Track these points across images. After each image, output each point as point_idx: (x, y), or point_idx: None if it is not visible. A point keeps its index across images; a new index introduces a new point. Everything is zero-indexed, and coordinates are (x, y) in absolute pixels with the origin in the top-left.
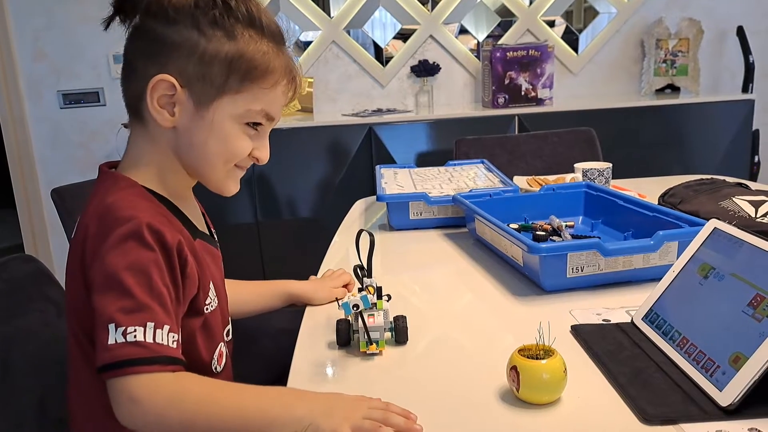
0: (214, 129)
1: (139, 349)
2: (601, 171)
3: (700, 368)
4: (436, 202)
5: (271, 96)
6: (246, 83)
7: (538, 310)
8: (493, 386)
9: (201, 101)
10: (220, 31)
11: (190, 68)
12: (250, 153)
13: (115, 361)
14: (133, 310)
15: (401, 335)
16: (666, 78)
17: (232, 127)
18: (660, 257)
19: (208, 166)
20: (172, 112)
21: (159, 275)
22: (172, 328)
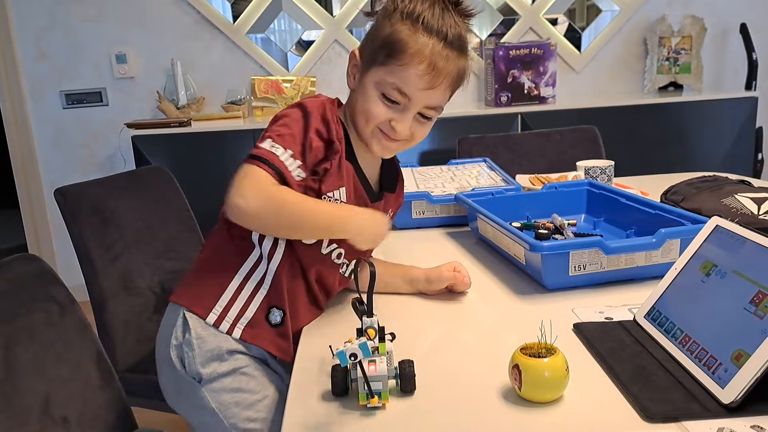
0: (363, 91)
1: (275, 158)
2: (604, 169)
3: (703, 366)
4: (439, 201)
5: (403, 74)
6: (388, 59)
7: (541, 308)
8: (495, 385)
9: (364, 69)
10: (386, 18)
11: (367, 45)
12: (390, 122)
13: (256, 154)
14: (285, 139)
15: (408, 383)
16: (669, 76)
17: (373, 92)
18: (662, 255)
19: (359, 121)
20: (354, 77)
21: (308, 127)
22: (302, 166)
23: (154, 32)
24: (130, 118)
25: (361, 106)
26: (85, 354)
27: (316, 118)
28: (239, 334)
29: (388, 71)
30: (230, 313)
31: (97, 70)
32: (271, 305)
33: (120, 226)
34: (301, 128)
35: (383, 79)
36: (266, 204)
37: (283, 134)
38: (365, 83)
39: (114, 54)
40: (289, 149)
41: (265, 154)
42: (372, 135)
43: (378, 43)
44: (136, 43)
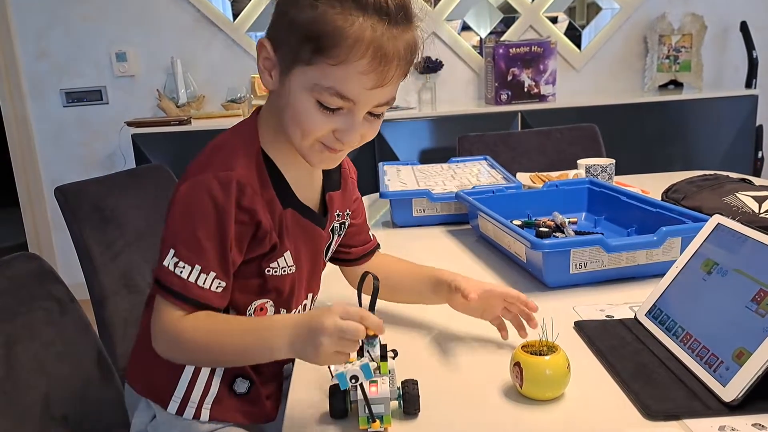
0: (290, 99)
1: (179, 283)
2: (604, 167)
3: (704, 364)
4: (439, 199)
5: (342, 75)
6: (316, 57)
7: (542, 306)
8: (496, 382)
9: (284, 68)
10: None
11: (281, 34)
12: (334, 133)
13: (160, 279)
14: (192, 248)
15: (411, 405)
16: (669, 74)
17: (304, 98)
18: (663, 253)
19: (290, 133)
20: (270, 74)
21: (224, 224)
22: (219, 275)
23: (154, 30)
24: (130, 117)
25: (291, 119)
26: (85, 352)
27: (231, 209)
28: (207, 416)
29: (319, 73)
30: (192, 397)
31: (98, 69)
32: (235, 375)
33: (120, 224)
34: (213, 229)
35: (316, 84)
36: (175, 349)
37: (188, 242)
38: (291, 88)
39: (114, 52)
40: (199, 263)
41: (170, 282)
42: (311, 149)
43: (298, 34)
44: (136, 42)
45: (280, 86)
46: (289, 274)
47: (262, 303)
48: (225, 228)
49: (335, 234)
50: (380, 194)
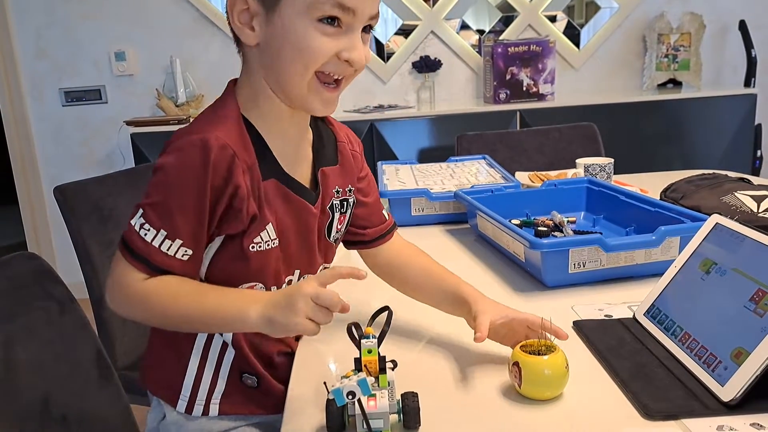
0: (285, 32)
1: (143, 245)
2: (603, 166)
3: (702, 363)
4: (438, 198)
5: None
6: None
7: (540, 305)
8: (495, 383)
9: (268, 6)
10: None
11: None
12: (339, 56)
13: (125, 239)
14: (160, 212)
15: (412, 419)
16: (668, 73)
17: (303, 25)
18: (662, 252)
19: (287, 78)
20: (251, 27)
21: (200, 189)
22: (186, 242)
23: (154, 30)
24: (129, 116)
25: (291, 54)
26: (84, 352)
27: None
28: (216, 411)
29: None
30: (200, 394)
31: (97, 68)
32: (242, 372)
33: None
34: (186, 194)
35: (313, 1)
36: (134, 307)
37: (157, 206)
38: (285, 20)
39: (113, 52)
40: (164, 228)
41: (133, 243)
42: (309, 90)
43: None
44: (136, 41)
45: (268, 31)
46: (273, 248)
47: (251, 285)
48: (200, 193)
49: (336, 212)
50: (379, 194)
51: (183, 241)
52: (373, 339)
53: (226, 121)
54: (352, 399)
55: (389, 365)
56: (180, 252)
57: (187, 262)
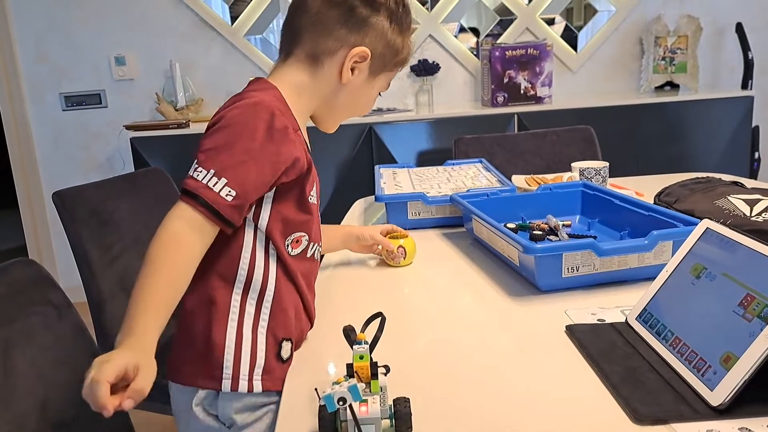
0: (370, 92)
1: (194, 183)
2: (598, 170)
3: (692, 368)
4: (434, 202)
5: (396, 74)
6: (396, 67)
7: (534, 309)
8: (489, 385)
9: (373, 72)
10: (400, 28)
11: (379, 47)
12: None
13: (183, 185)
14: (211, 155)
15: (404, 424)
16: (665, 75)
17: (376, 93)
18: (655, 257)
19: (345, 113)
20: (352, 72)
21: (251, 143)
22: (231, 183)
23: (153, 34)
24: (129, 120)
25: (360, 105)
26: (82, 357)
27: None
28: (260, 387)
29: (391, 75)
30: (242, 369)
31: (97, 72)
32: (280, 339)
33: (118, 228)
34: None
35: (387, 82)
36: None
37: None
38: (373, 85)
39: (113, 56)
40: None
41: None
42: (343, 120)
43: (392, 53)
44: (135, 46)
45: (361, 83)
46: (315, 205)
47: (299, 236)
48: (253, 143)
49: None
50: (375, 197)
51: (228, 180)
52: (365, 345)
53: (271, 94)
54: (343, 405)
55: (381, 371)
56: (225, 191)
57: (232, 203)
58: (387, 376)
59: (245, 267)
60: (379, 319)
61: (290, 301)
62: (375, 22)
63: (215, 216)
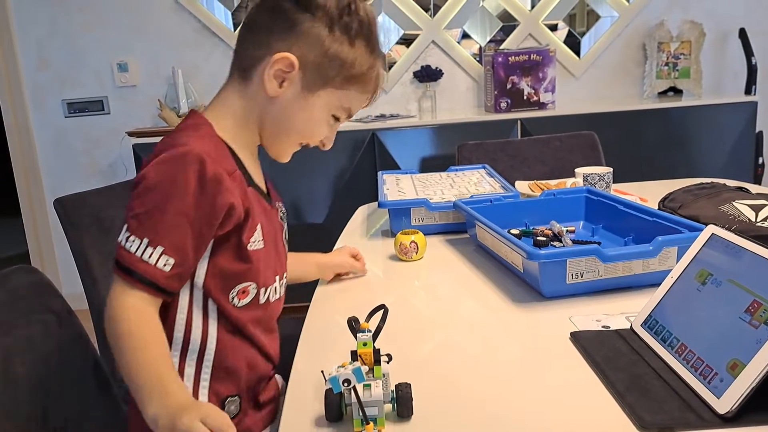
0: (310, 111)
1: (127, 256)
2: (602, 176)
3: (698, 375)
4: (438, 208)
5: (360, 99)
6: (348, 85)
7: (538, 316)
8: (492, 392)
9: (309, 86)
10: (346, 36)
11: (312, 57)
12: (324, 140)
13: (115, 257)
14: (143, 221)
15: (405, 408)
16: (668, 81)
17: (324, 114)
18: (659, 263)
19: (285, 136)
20: (280, 84)
21: (183, 201)
22: (168, 251)
23: (155, 41)
24: (131, 127)
25: (301, 126)
26: (82, 364)
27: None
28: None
29: (346, 96)
30: None
31: (99, 79)
32: (224, 397)
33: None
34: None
35: (340, 104)
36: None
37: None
38: (312, 102)
39: (115, 62)
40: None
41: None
42: (290, 147)
43: (337, 65)
44: (138, 52)
45: (298, 97)
46: (263, 249)
47: (244, 287)
48: (185, 200)
49: (284, 222)
50: (378, 204)
51: (165, 248)
52: (369, 333)
53: (206, 137)
54: (347, 386)
55: (384, 359)
56: (162, 261)
57: (170, 273)
58: (389, 364)
59: (181, 329)
60: (382, 311)
61: (239, 355)
62: (308, 28)
63: (155, 290)
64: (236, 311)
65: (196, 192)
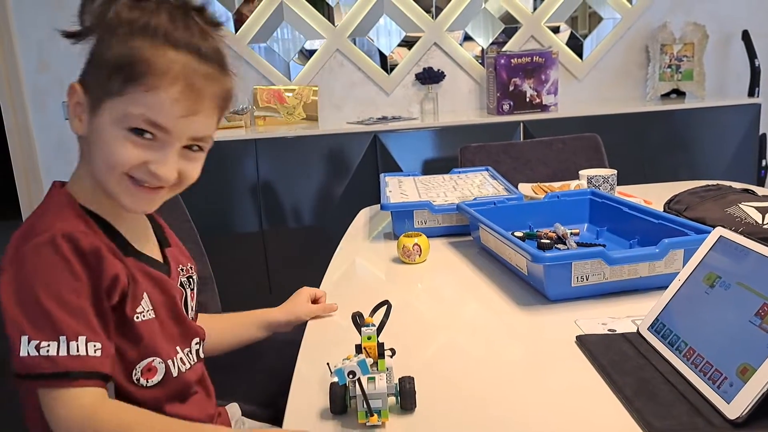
0: (100, 133)
1: (50, 363)
2: (606, 178)
3: (707, 380)
4: (441, 211)
5: (153, 101)
6: (127, 85)
7: (543, 319)
8: (497, 396)
9: (94, 105)
10: (111, 36)
11: (90, 73)
12: (147, 167)
13: (28, 372)
14: (45, 323)
15: (408, 401)
16: (671, 83)
17: (114, 131)
18: (665, 265)
19: (99, 173)
20: (80, 118)
21: (71, 283)
22: (90, 336)
23: None
24: None
25: (100, 155)
26: None
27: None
28: None
29: (130, 101)
30: None
31: None
32: None
33: None
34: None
35: (127, 112)
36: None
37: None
38: (100, 123)
39: None
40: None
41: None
42: (119, 186)
43: (108, 68)
44: None
45: (91, 126)
46: (153, 319)
47: (147, 363)
48: (75, 283)
49: (186, 289)
50: (381, 206)
51: (87, 335)
52: (373, 327)
53: (63, 214)
54: (352, 378)
55: (388, 353)
56: (90, 348)
57: (102, 357)
58: (392, 358)
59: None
60: (386, 307)
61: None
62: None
63: (100, 379)
64: (147, 392)
65: (81, 268)
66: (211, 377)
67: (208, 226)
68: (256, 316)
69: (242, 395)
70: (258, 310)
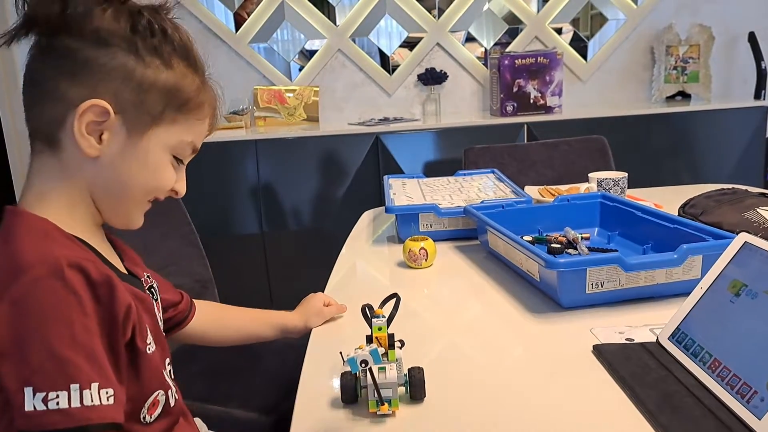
0: (144, 158)
1: (64, 416)
2: (617, 180)
3: (735, 394)
4: (447, 214)
5: (200, 129)
6: (181, 114)
7: (557, 327)
8: (511, 409)
9: (135, 129)
10: (158, 59)
11: (126, 94)
12: (175, 185)
13: (39, 429)
14: (55, 370)
15: (417, 391)
16: (677, 85)
17: (163, 157)
18: (684, 272)
19: (127, 198)
20: (99, 139)
21: (83, 321)
22: (102, 383)
23: None
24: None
25: (144, 179)
26: None
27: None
28: None
29: (183, 129)
30: None
31: None
32: None
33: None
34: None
35: (181, 140)
36: None
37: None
38: (145, 147)
39: None
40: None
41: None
42: (140, 205)
43: (159, 95)
44: None
45: (125, 149)
46: (157, 348)
47: (154, 399)
48: (85, 320)
49: (154, 299)
50: (386, 209)
51: (99, 382)
52: (383, 318)
53: (52, 238)
54: (365, 367)
55: (397, 344)
56: (104, 396)
57: (116, 404)
58: (402, 349)
59: None
60: (395, 300)
61: None
62: (109, 62)
63: (115, 430)
64: (150, 428)
65: (93, 302)
66: (206, 381)
67: (208, 228)
68: (270, 315)
69: (240, 402)
70: (273, 311)
